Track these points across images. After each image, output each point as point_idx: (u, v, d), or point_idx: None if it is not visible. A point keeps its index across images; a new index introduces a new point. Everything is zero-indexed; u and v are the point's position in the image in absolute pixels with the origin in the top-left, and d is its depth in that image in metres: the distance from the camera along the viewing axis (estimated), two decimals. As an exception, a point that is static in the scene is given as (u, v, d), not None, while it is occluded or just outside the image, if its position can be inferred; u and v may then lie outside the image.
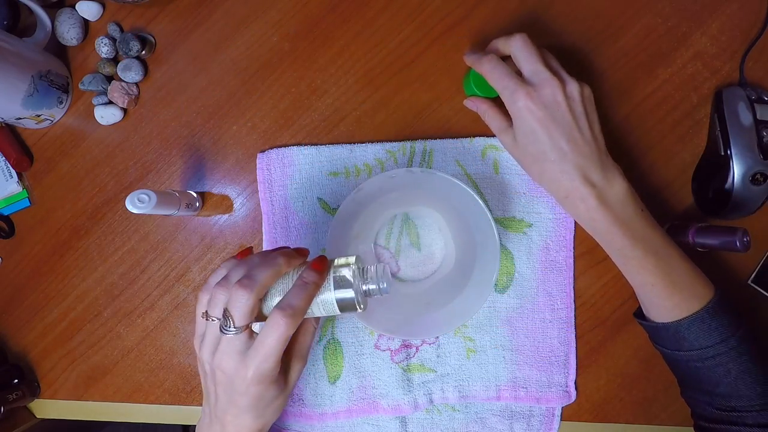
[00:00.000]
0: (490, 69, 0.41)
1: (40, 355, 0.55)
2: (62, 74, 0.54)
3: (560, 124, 0.38)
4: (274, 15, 0.53)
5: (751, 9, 0.50)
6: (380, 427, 0.51)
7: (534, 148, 0.39)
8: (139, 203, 0.44)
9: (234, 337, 0.33)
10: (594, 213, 0.38)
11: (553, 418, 0.50)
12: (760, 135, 0.46)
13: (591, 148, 0.39)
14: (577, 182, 0.38)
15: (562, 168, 0.38)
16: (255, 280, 0.32)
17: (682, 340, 0.39)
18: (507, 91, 0.39)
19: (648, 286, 0.40)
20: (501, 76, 0.40)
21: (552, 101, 0.38)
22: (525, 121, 0.39)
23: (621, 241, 0.39)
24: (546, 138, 0.38)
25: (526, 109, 0.38)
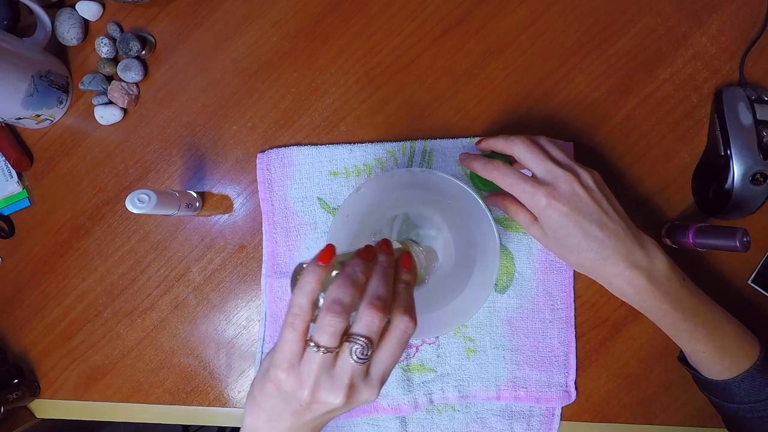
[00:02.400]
0: (500, 176, 0.41)
1: (40, 355, 0.55)
2: (62, 74, 0.54)
3: (587, 214, 0.39)
4: (274, 15, 0.53)
5: (751, 9, 0.50)
6: (380, 427, 0.51)
7: (568, 241, 0.39)
8: (139, 203, 0.44)
9: (363, 366, 0.29)
10: (643, 294, 0.39)
11: (553, 418, 0.50)
12: (760, 135, 0.46)
13: (624, 229, 0.39)
14: (621, 267, 0.38)
15: (602, 256, 0.39)
16: (384, 299, 0.29)
17: (733, 395, 0.40)
18: (526, 194, 0.39)
19: (699, 353, 0.40)
20: (515, 182, 0.40)
21: (573, 195, 0.39)
22: (553, 219, 0.39)
23: (672, 317, 0.39)
24: (578, 231, 0.39)
25: (551, 209, 0.39)
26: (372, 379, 0.30)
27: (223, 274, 0.53)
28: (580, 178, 0.39)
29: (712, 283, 0.49)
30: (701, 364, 0.41)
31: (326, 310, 0.29)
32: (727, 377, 0.39)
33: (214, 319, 0.53)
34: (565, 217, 0.38)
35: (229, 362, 0.53)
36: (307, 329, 0.30)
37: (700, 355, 0.40)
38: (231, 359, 0.53)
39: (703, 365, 0.41)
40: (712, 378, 0.40)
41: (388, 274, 0.31)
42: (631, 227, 0.40)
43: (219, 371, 0.53)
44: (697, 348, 0.40)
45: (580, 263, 0.40)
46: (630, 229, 0.40)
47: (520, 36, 0.52)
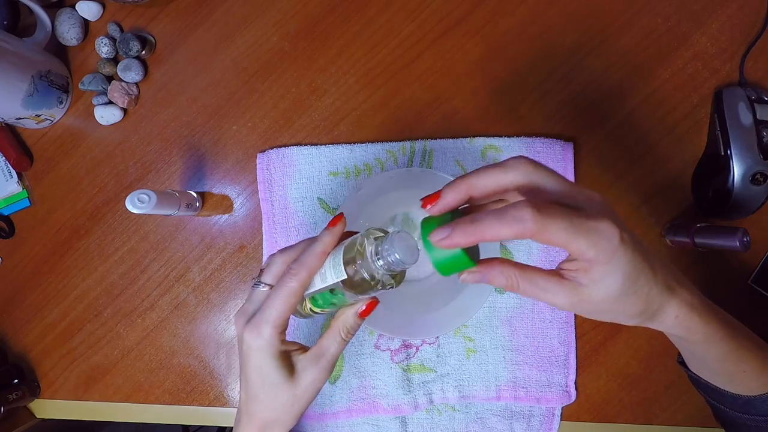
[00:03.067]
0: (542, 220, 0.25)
1: (40, 355, 0.55)
2: (62, 74, 0.54)
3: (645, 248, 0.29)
4: (274, 15, 0.53)
5: (751, 9, 0.50)
6: (380, 427, 0.51)
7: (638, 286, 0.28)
8: (139, 203, 0.44)
9: (258, 290, 0.33)
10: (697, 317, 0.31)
11: (553, 418, 0.50)
12: (760, 135, 0.46)
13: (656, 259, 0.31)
14: (678, 294, 0.30)
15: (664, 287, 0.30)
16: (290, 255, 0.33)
17: (752, 408, 0.37)
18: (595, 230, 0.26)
19: (739, 373, 0.36)
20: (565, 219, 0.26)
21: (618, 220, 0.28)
22: (625, 261, 0.27)
23: (727, 345, 0.33)
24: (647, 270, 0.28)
25: (624, 244, 0.27)
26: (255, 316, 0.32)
27: (223, 274, 0.53)
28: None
29: (712, 283, 0.49)
30: (733, 382, 0.37)
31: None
32: (758, 393, 0.36)
33: (214, 319, 0.53)
34: (637, 253, 0.27)
35: (229, 362, 0.53)
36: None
37: (739, 375, 0.36)
38: (231, 359, 0.53)
39: (734, 382, 0.37)
40: (738, 394, 0.37)
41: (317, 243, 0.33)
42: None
43: (219, 371, 0.53)
44: (740, 368, 0.35)
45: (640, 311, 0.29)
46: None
47: (520, 36, 0.52)
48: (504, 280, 0.29)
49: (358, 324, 0.35)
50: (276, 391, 0.34)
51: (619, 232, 0.27)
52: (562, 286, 0.28)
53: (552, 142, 0.50)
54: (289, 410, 0.34)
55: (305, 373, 0.34)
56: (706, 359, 0.36)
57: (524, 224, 0.25)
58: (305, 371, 0.34)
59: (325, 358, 0.34)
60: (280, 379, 0.33)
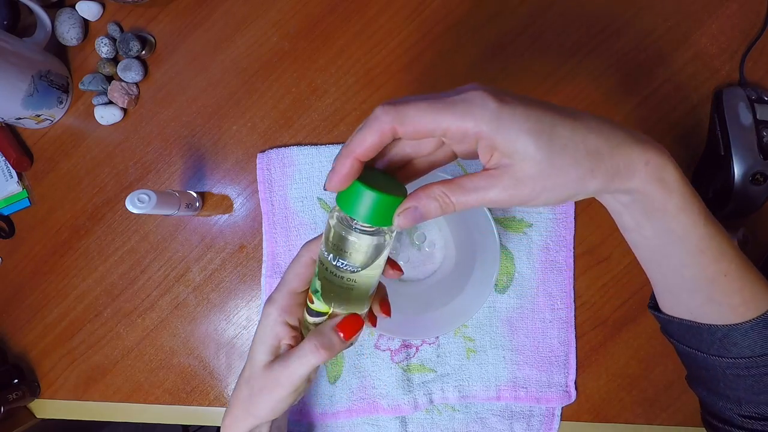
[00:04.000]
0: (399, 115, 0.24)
1: (40, 355, 0.55)
2: (62, 74, 0.54)
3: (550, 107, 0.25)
4: (274, 15, 0.53)
5: (751, 9, 0.50)
6: (380, 427, 0.51)
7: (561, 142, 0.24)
8: (139, 203, 0.44)
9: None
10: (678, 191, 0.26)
11: (553, 418, 0.50)
12: (760, 135, 0.46)
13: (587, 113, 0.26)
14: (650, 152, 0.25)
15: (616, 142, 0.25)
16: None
17: (731, 346, 0.31)
18: (456, 110, 0.24)
19: (721, 276, 0.29)
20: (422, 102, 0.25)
21: (505, 92, 0.25)
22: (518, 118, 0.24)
23: (704, 225, 0.27)
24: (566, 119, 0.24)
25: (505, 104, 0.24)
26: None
27: (223, 274, 0.53)
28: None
29: None
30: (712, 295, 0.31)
31: None
32: (742, 317, 0.30)
33: (214, 319, 0.53)
34: (535, 108, 0.24)
35: (229, 362, 0.53)
36: None
37: (719, 279, 0.29)
38: (231, 359, 0.53)
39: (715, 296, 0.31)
40: (710, 323, 0.31)
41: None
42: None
43: (219, 371, 0.53)
44: (720, 268, 0.29)
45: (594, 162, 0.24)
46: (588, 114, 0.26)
47: (520, 36, 0.52)
48: (437, 204, 0.26)
49: (332, 340, 0.31)
50: (254, 371, 0.34)
51: (490, 93, 0.24)
52: (491, 178, 0.25)
53: (552, 142, 0.50)
54: (258, 398, 0.33)
55: (273, 369, 0.33)
56: (680, 254, 0.29)
57: (380, 119, 0.24)
58: (274, 367, 0.33)
59: (289, 368, 0.32)
60: (260, 362, 0.34)
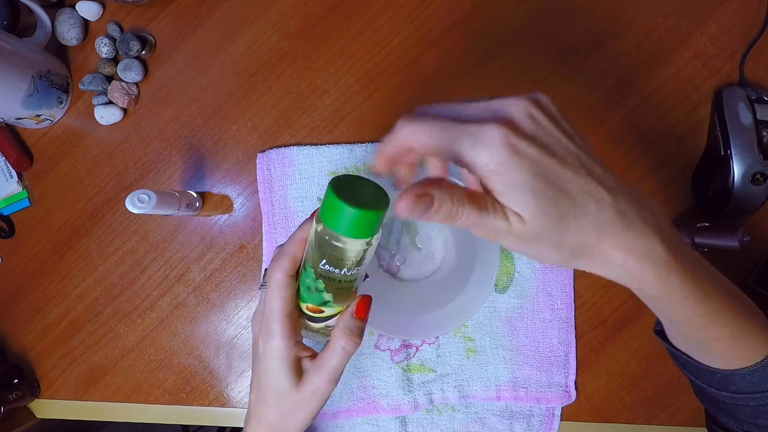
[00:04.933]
0: (425, 130, 0.23)
1: (40, 355, 0.55)
2: (62, 74, 0.54)
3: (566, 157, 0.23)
4: (274, 15, 0.53)
5: (751, 9, 0.50)
6: (380, 427, 0.51)
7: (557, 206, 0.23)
8: (139, 203, 0.44)
9: (262, 291, 0.33)
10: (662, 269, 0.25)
11: (553, 418, 0.50)
12: (760, 135, 0.46)
13: (611, 173, 0.24)
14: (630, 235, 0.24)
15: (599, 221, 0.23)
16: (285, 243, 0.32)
17: (731, 384, 0.32)
18: (468, 141, 0.23)
19: (711, 340, 0.30)
20: (444, 130, 0.23)
21: (536, 128, 0.23)
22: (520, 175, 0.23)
23: (693, 298, 0.26)
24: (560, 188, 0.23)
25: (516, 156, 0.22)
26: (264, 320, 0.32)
27: (223, 274, 0.53)
28: (536, 101, 0.24)
29: None
30: (705, 351, 0.32)
31: None
32: (737, 366, 0.31)
33: (214, 319, 0.53)
34: (540, 166, 0.22)
35: (229, 362, 0.53)
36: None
37: (711, 342, 0.30)
38: (231, 359, 0.53)
39: (708, 353, 0.32)
40: (712, 367, 0.32)
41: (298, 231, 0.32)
42: (606, 166, 0.25)
43: (219, 371, 0.53)
44: (712, 334, 0.29)
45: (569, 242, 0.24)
46: (613, 174, 0.25)
47: (520, 36, 0.52)
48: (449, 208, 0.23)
49: (357, 326, 0.32)
50: (283, 397, 0.33)
51: (504, 135, 0.22)
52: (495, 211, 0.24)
53: (552, 142, 0.50)
54: (293, 417, 0.33)
55: (309, 381, 0.33)
56: (671, 320, 0.30)
57: (396, 133, 0.24)
58: (309, 379, 0.33)
59: (326, 369, 0.33)
60: (287, 386, 0.33)
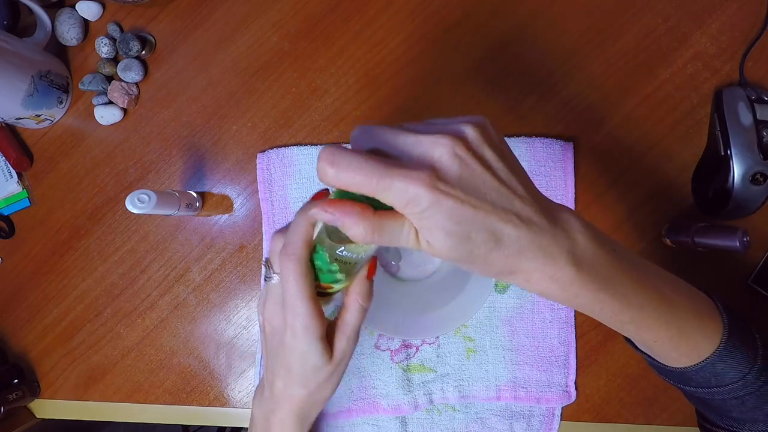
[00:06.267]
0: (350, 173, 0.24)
1: (40, 355, 0.55)
2: (62, 74, 0.54)
3: (486, 196, 0.25)
4: (274, 15, 0.53)
5: (751, 9, 0.50)
6: (380, 427, 0.51)
7: (468, 246, 0.25)
8: (139, 203, 0.44)
9: (276, 284, 0.32)
10: (572, 288, 0.27)
11: (553, 418, 0.50)
12: (760, 135, 0.46)
13: (531, 203, 0.26)
14: (539, 261, 0.26)
15: (513, 251, 0.26)
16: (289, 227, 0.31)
17: (689, 381, 0.33)
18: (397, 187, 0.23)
19: (650, 342, 0.32)
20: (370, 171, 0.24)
21: (461, 170, 0.24)
22: (443, 221, 0.24)
23: (611, 307, 0.29)
24: (482, 227, 0.25)
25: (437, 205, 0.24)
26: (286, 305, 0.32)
27: (223, 274, 0.53)
28: (464, 139, 0.25)
29: (712, 283, 0.49)
30: (653, 352, 0.33)
31: None
32: (685, 365, 0.32)
33: (214, 319, 0.53)
34: (462, 210, 0.24)
35: (229, 362, 0.53)
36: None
37: (651, 344, 0.32)
38: (231, 359, 0.53)
39: (656, 353, 0.33)
40: (667, 365, 0.33)
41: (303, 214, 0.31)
42: (536, 195, 0.27)
43: (219, 371, 0.53)
44: (646, 338, 0.31)
45: (487, 268, 0.27)
46: (536, 198, 0.27)
47: (520, 36, 0.52)
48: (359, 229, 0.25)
49: (369, 287, 0.34)
50: (317, 372, 0.33)
51: (428, 184, 0.23)
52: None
53: (552, 142, 0.50)
54: (325, 387, 0.34)
55: (338, 348, 0.34)
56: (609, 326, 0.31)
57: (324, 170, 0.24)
58: (337, 346, 0.34)
59: (348, 328, 0.34)
60: (324, 361, 0.33)
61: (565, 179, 0.50)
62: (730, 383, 0.32)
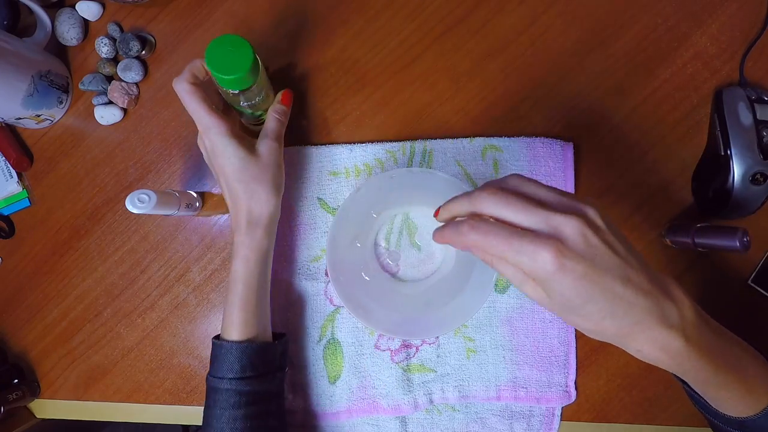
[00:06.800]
0: (481, 240, 0.30)
1: (40, 355, 0.55)
2: (62, 74, 0.54)
3: (609, 270, 0.29)
4: (274, 15, 0.53)
5: (751, 9, 0.50)
6: (380, 427, 0.51)
7: (586, 309, 0.30)
8: (139, 203, 0.44)
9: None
10: (680, 357, 0.31)
11: (553, 418, 0.50)
12: (760, 135, 0.46)
13: (648, 278, 0.30)
14: (654, 331, 0.30)
15: (631, 321, 0.30)
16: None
17: (746, 428, 0.36)
18: (524, 258, 0.28)
19: (724, 399, 0.36)
20: (502, 240, 0.29)
21: (587, 247, 0.28)
22: (565, 286, 0.29)
23: (706, 372, 0.32)
24: (601, 295, 0.29)
25: (562, 272, 0.28)
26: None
27: (223, 275, 0.53)
28: (588, 219, 0.29)
29: (712, 283, 0.49)
30: (721, 405, 0.37)
31: None
32: (746, 414, 0.35)
33: (214, 319, 0.53)
34: (583, 280, 0.28)
35: (229, 362, 0.53)
36: None
37: (721, 399, 0.36)
38: (231, 359, 0.53)
39: (724, 405, 0.36)
40: (730, 415, 0.36)
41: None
42: (650, 271, 0.31)
43: (219, 371, 0.53)
44: (722, 395, 0.35)
45: (601, 331, 0.31)
46: (651, 274, 0.31)
47: (520, 36, 0.52)
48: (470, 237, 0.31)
49: (283, 109, 0.47)
50: (245, 166, 0.42)
51: (555, 261, 0.28)
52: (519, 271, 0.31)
53: (552, 142, 0.50)
54: (263, 187, 0.43)
55: (261, 147, 0.44)
56: (689, 383, 0.36)
57: (463, 236, 0.31)
58: (259, 144, 0.44)
59: (268, 131, 0.45)
60: (244, 155, 0.42)
61: (565, 179, 0.50)
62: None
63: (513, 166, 0.50)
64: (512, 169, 0.50)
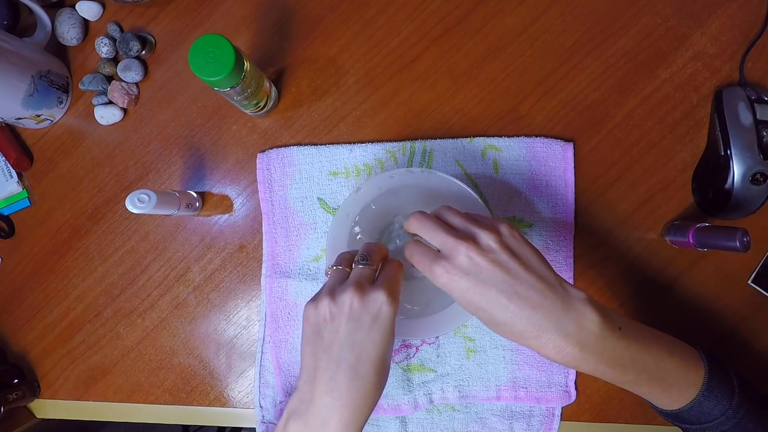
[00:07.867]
0: (410, 256, 0.38)
1: (40, 355, 0.55)
2: (62, 74, 0.54)
3: (493, 284, 0.33)
4: (273, 15, 0.53)
5: (751, 9, 0.50)
6: (380, 427, 0.51)
7: (482, 316, 0.35)
8: (139, 203, 0.44)
9: (366, 267, 0.38)
10: (575, 362, 0.35)
11: (553, 418, 0.50)
12: (760, 135, 0.46)
13: (541, 292, 0.34)
14: (544, 338, 0.34)
15: (519, 329, 0.34)
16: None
17: (683, 420, 0.39)
18: (428, 274, 0.36)
19: (645, 395, 0.39)
20: (420, 258, 0.37)
21: (471, 265, 0.34)
22: (458, 297, 0.35)
23: (612, 374, 0.36)
24: (487, 305, 0.34)
25: (451, 286, 0.35)
26: (379, 282, 0.37)
27: (223, 274, 0.53)
28: (479, 243, 0.34)
29: (712, 283, 0.49)
30: (651, 400, 0.40)
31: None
32: (676, 408, 0.38)
33: (214, 319, 0.53)
34: (467, 293, 0.34)
35: (229, 362, 0.53)
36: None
37: (647, 396, 0.39)
38: (231, 359, 0.53)
39: (653, 400, 0.40)
40: (663, 408, 0.40)
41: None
42: (551, 284, 0.34)
43: (219, 371, 0.53)
44: (642, 392, 0.38)
45: (502, 334, 0.36)
46: (550, 287, 0.34)
47: (520, 36, 0.52)
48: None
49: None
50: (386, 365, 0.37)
51: (445, 276, 0.34)
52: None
53: (552, 142, 0.50)
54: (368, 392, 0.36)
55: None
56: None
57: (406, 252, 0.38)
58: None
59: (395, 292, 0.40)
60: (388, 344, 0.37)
61: (565, 179, 0.50)
62: (716, 418, 0.38)
63: (513, 166, 0.50)
64: (513, 169, 0.50)
